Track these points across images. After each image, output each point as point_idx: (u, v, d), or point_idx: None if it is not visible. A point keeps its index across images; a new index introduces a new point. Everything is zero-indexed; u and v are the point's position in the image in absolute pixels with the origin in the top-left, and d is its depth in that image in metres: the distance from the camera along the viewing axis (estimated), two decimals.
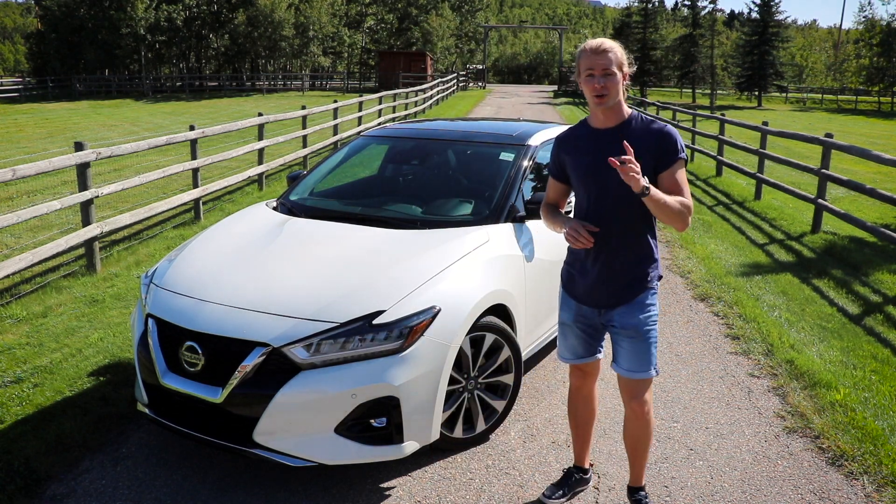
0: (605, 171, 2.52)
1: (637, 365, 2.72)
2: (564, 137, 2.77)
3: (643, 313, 2.69)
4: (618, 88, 2.53)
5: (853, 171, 13.53)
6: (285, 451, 2.93)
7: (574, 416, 3.04)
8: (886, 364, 4.57)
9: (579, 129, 2.73)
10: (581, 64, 2.55)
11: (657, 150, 2.56)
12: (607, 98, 2.53)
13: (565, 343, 2.91)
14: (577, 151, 2.68)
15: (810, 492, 3.16)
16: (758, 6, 46.89)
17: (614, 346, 2.78)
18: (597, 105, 2.56)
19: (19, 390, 4.04)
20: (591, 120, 2.70)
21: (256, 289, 3.22)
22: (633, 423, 2.84)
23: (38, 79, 49.12)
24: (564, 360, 2.94)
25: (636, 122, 2.62)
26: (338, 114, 15.30)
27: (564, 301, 2.87)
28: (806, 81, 61.17)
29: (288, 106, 30.36)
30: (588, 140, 2.67)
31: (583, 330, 2.83)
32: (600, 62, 2.50)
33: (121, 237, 7.97)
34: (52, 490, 3.11)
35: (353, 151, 4.95)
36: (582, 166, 2.65)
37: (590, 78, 2.52)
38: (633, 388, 2.77)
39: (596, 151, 2.61)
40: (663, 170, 2.57)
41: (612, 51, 2.52)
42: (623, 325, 2.70)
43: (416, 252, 3.45)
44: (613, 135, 2.60)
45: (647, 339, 2.71)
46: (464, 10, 66.23)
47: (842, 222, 8.66)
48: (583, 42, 2.63)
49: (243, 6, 50.64)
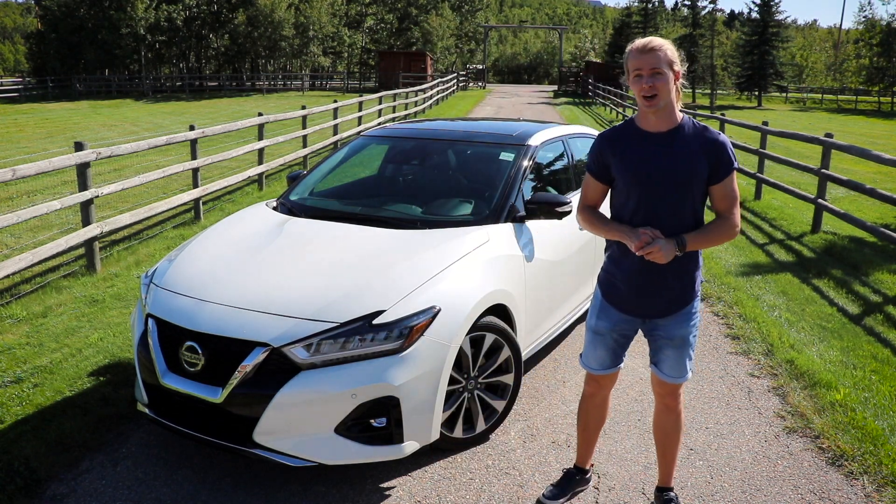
0: (655, 176, 2.47)
1: (679, 371, 2.71)
2: (610, 137, 2.62)
3: (690, 322, 2.66)
4: (668, 89, 2.41)
5: (853, 171, 13.53)
6: (285, 451, 2.93)
7: (584, 419, 3.00)
8: (886, 364, 4.57)
9: (627, 130, 2.59)
10: (629, 64, 2.44)
11: (710, 160, 2.48)
12: (657, 99, 2.41)
13: (594, 353, 2.82)
14: (626, 154, 2.55)
15: (810, 492, 3.15)
16: (758, 6, 46.91)
17: (655, 352, 2.75)
18: (647, 107, 2.45)
19: (19, 390, 4.04)
20: (639, 121, 2.56)
21: (256, 289, 3.22)
22: (666, 415, 2.83)
23: (38, 79, 49.11)
24: (589, 369, 2.86)
25: (688, 128, 2.51)
26: (338, 114, 15.30)
27: (604, 310, 2.75)
28: (806, 81, 61.16)
29: (288, 106, 30.36)
30: (637, 143, 2.54)
31: (616, 340, 2.76)
32: (648, 61, 2.39)
33: (121, 237, 7.97)
34: (52, 490, 3.11)
35: (353, 151, 4.95)
36: (630, 170, 2.53)
37: (637, 78, 2.41)
38: (671, 388, 2.77)
39: (646, 156, 2.51)
40: (716, 182, 2.50)
41: (660, 49, 2.40)
42: (670, 335, 2.66)
43: (415, 252, 3.45)
44: (665, 140, 2.50)
45: (691, 345, 2.69)
46: (464, 10, 66.23)
47: (842, 222, 8.66)
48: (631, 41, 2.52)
49: (243, 6, 50.65)
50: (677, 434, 2.86)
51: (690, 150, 2.48)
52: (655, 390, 2.84)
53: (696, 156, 2.47)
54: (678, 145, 2.49)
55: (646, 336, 2.77)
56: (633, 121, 2.61)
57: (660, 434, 2.89)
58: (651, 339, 2.75)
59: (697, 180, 2.48)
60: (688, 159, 2.47)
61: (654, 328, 2.70)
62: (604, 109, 32.03)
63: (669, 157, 2.48)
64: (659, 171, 2.49)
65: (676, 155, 2.49)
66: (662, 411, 2.85)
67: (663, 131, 2.52)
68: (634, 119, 2.61)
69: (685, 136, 2.50)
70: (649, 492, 3.11)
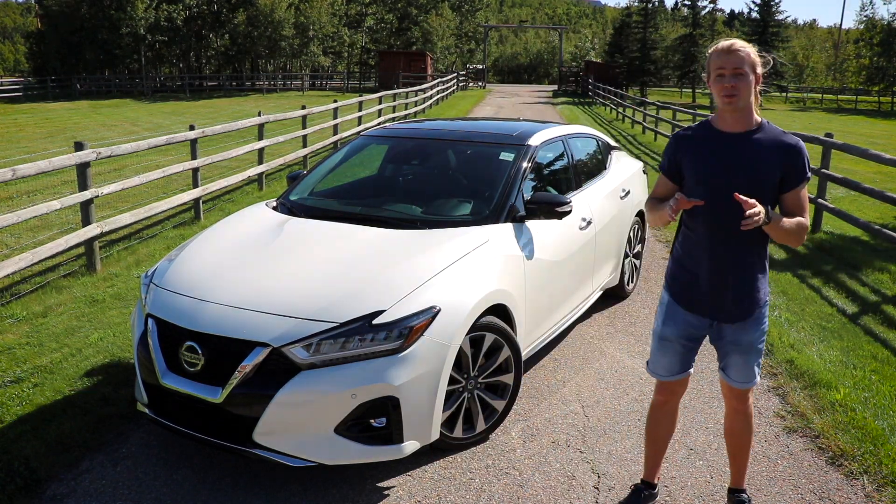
0: (731, 176, 2.45)
1: (747, 376, 2.69)
2: (685, 137, 2.62)
3: (759, 329, 2.63)
4: (749, 90, 2.42)
5: (853, 171, 13.52)
6: (285, 451, 2.93)
7: (654, 431, 2.93)
8: (886, 364, 4.57)
9: (702, 130, 2.58)
10: (711, 64, 2.44)
11: (785, 165, 2.45)
12: (737, 99, 2.41)
13: (661, 360, 2.77)
14: (700, 153, 2.54)
15: (810, 492, 3.16)
16: (758, 6, 46.93)
17: (723, 359, 2.72)
18: (726, 105, 2.44)
19: (19, 390, 4.04)
20: (716, 122, 2.55)
21: (256, 288, 3.22)
22: (737, 418, 2.81)
23: (38, 79, 49.10)
24: (657, 377, 2.82)
25: (766, 131, 2.50)
26: (338, 114, 15.29)
27: (671, 314, 2.71)
28: (806, 81, 61.17)
29: (288, 106, 30.36)
30: (713, 143, 2.53)
31: (684, 345, 2.72)
32: (731, 61, 2.39)
33: (121, 237, 7.97)
34: (52, 490, 3.11)
35: (353, 151, 4.95)
36: (705, 170, 2.51)
37: (720, 78, 2.41)
38: (740, 394, 2.74)
39: (722, 156, 2.49)
40: (789, 188, 2.47)
41: (743, 50, 2.41)
42: (737, 341, 2.63)
43: (415, 252, 3.45)
44: (742, 141, 2.49)
45: (759, 352, 2.67)
46: (464, 9, 66.16)
47: (842, 222, 8.66)
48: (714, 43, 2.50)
49: (243, 6, 50.62)
50: (749, 436, 2.83)
51: (766, 153, 2.46)
52: (725, 394, 2.81)
53: (770, 159, 2.46)
54: (754, 146, 2.47)
55: (712, 342, 2.74)
56: (708, 122, 2.59)
57: (731, 437, 2.86)
58: (718, 346, 2.72)
59: (770, 184, 2.45)
60: (762, 162, 2.45)
61: (720, 334, 2.67)
62: (604, 109, 32.03)
63: (744, 157, 2.46)
64: (732, 171, 2.47)
65: (751, 156, 2.47)
66: (732, 414, 2.82)
67: (740, 132, 2.50)
68: (710, 120, 2.59)
69: (762, 139, 2.49)
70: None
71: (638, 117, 22.22)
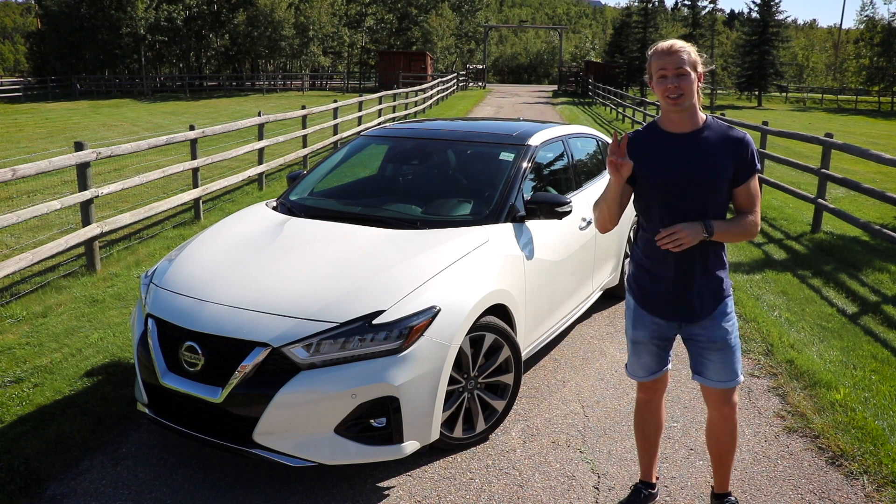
0: (684, 176, 2.46)
1: (727, 374, 2.65)
2: (635, 139, 2.61)
3: (727, 322, 2.62)
4: (692, 89, 2.43)
5: (853, 171, 13.52)
6: (285, 451, 2.93)
7: (642, 429, 2.93)
8: (886, 364, 4.57)
9: (650, 133, 2.59)
10: (653, 65, 2.45)
11: (736, 160, 2.48)
12: (683, 99, 2.42)
13: (638, 362, 2.79)
14: (650, 156, 2.54)
15: (810, 492, 3.16)
16: (758, 6, 46.91)
17: (698, 359, 2.69)
18: (671, 107, 2.46)
19: (19, 390, 4.04)
20: (663, 123, 2.56)
21: (256, 289, 3.22)
22: (721, 426, 2.76)
23: (38, 79, 49.08)
24: (636, 378, 2.83)
25: (713, 128, 2.51)
26: (338, 114, 15.29)
27: (638, 318, 2.73)
28: (806, 81, 61.16)
29: (288, 106, 30.36)
30: (663, 144, 2.54)
31: (657, 345, 2.73)
32: (672, 62, 2.41)
33: (121, 237, 7.97)
34: (52, 490, 3.11)
35: (353, 151, 4.95)
36: (657, 172, 2.52)
37: (662, 79, 2.43)
38: (724, 395, 2.69)
39: (672, 158, 2.50)
40: (740, 183, 2.50)
41: (683, 50, 2.43)
42: (710, 338, 2.62)
43: (415, 252, 3.45)
44: (690, 140, 2.50)
45: (734, 347, 2.65)
46: (464, 9, 66.18)
47: (842, 222, 8.66)
48: (653, 45, 2.51)
49: (243, 6, 50.62)
50: (734, 442, 2.79)
51: (714, 151, 2.47)
52: (707, 400, 2.77)
53: (720, 156, 2.47)
54: (702, 146, 2.48)
55: (686, 345, 2.73)
56: (655, 123, 2.60)
57: (716, 445, 2.81)
58: (691, 347, 2.70)
59: (722, 181, 2.46)
60: (712, 160, 2.46)
61: (690, 334, 2.66)
62: (604, 109, 32.03)
63: (693, 157, 2.47)
64: (683, 172, 2.48)
65: (700, 155, 2.48)
66: (718, 421, 2.76)
67: (687, 132, 2.52)
68: (657, 121, 2.60)
69: (709, 137, 2.50)
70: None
71: (638, 117, 22.21)
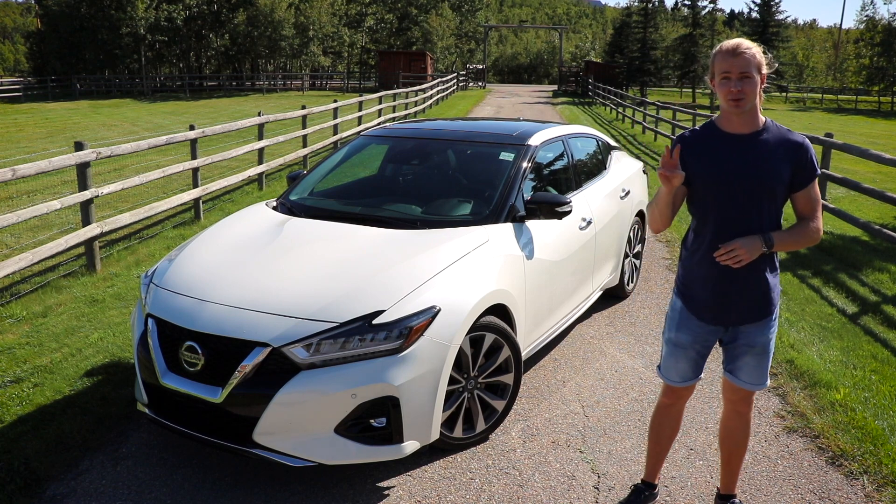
0: (740, 178, 2.44)
1: (759, 378, 2.65)
2: (691, 139, 2.56)
3: (771, 330, 2.60)
4: (755, 92, 2.39)
5: (853, 171, 13.53)
6: (285, 451, 2.93)
7: (658, 432, 2.91)
8: (886, 364, 4.57)
9: (708, 132, 2.54)
10: (716, 66, 2.41)
11: (794, 164, 2.44)
12: (744, 102, 2.38)
13: (675, 366, 2.74)
14: (708, 156, 2.50)
15: (810, 492, 3.15)
16: (758, 6, 46.91)
17: (733, 359, 2.67)
18: (733, 109, 2.41)
19: (19, 390, 4.04)
20: (721, 123, 2.52)
21: (256, 288, 3.22)
22: (737, 423, 2.76)
23: (38, 79, 49.09)
24: (669, 382, 2.78)
25: (772, 131, 2.48)
26: (338, 113, 15.29)
27: (684, 322, 2.67)
28: (806, 81, 61.17)
29: (288, 106, 30.36)
30: (720, 145, 2.49)
31: (698, 352, 2.69)
32: (738, 64, 2.35)
33: (121, 237, 7.97)
34: (52, 490, 3.11)
35: (353, 151, 4.95)
36: (713, 173, 2.48)
37: (726, 81, 2.38)
38: (747, 396, 2.72)
39: (730, 158, 2.46)
40: (799, 188, 2.46)
41: (749, 52, 2.37)
42: (751, 343, 2.60)
43: (415, 252, 3.45)
44: (749, 142, 2.46)
45: (771, 352, 2.64)
46: (464, 9, 66.18)
47: (842, 222, 8.66)
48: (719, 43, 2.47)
49: (243, 6, 50.63)
50: (746, 441, 2.80)
51: (773, 154, 2.45)
52: (727, 397, 2.77)
53: (778, 159, 2.44)
54: (761, 148, 2.46)
55: (723, 345, 2.70)
56: (713, 123, 2.56)
57: (728, 441, 2.81)
58: (730, 347, 2.68)
59: (779, 184, 2.44)
60: (770, 162, 2.44)
61: (735, 337, 2.64)
62: (604, 109, 32.04)
63: (752, 159, 2.45)
64: (740, 173, 2.45)
65: (759, 158, 2.45)
66: (733, 418, 2.77)
67: (746, 133, 2.48)
68: (715, 120, 2.56)
69: (768, 139, 2.47)
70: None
71: (638, 117, 22.21)
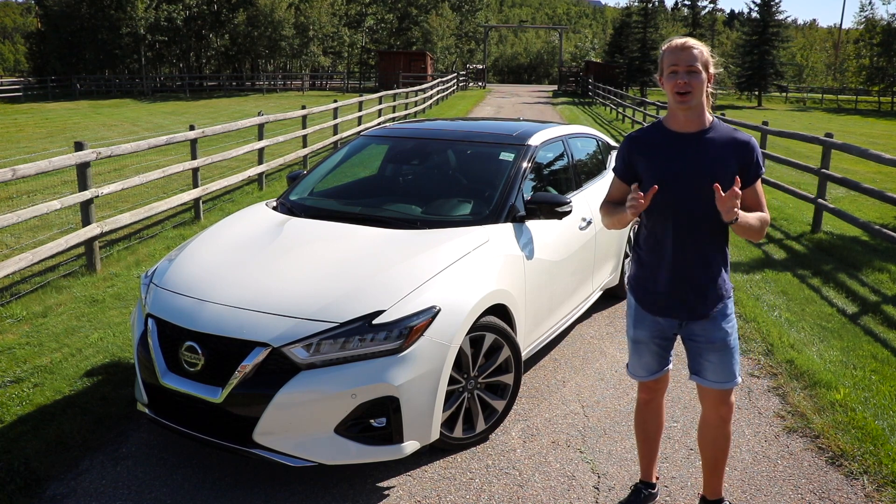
0: (688, 176, 2.45)
1: (726, 376, 2.64)
2: (638, 138, 2.61)
3: (727, 323, 2.61)
4: (702, 89, 2.42)
5: (853, 171, 13.53)
6: (285, 451, 2.93)
7: (643, 429, 2.92)
8: (886, 364, 4.57)
9: (655, 131, 2.58)
10: (664, 61, 2.44)
11: (741, 163, 2.47)
12: (690, 97, 2.41)
13: (639, 361, 2.78)
14: (656, 155, 2.53)
15: (810, 492, 3.16)
16: (758, 6, 46.93)
17: (696, 359, 2.67)
18: (679, 104, 2.44)
19: (19, 390, 4.04)
20: (668, 122, 2.55)
21: (256, 289, 3.22)
22: (717, 429, 2.72)
23: (38, 79, 49.08)
24: (637, 378, 2.83)
25: (718, 129, 2.50)
26: (338, 114, 15.29)
27: (639, 318, 2.72)
28: (806, 81, 61.17)
29: (288, 106, 30.36)
30: (667, 144, 2.53)
31: (658, 344, 2.73)
32: (684, 58, 2.39)
33: (121, 237, 7.97)
34: (52, 490, 3.11)
35: (353, 151, 4.95)
36: (661, 172, 2.50)
37: (672, 75, 2.41)
38: (722, 396, 2.67)
39: (677, 157, 2.49)
40: (746, 185, 2.48)
41: (696, 48, 2.42)
42: (709, 339, 2.61)
43: (415, 252, 3.45)
44: (696, 141, 2.49)
45: (733, 348, 2.63)
46: (464, 9, 66.16)
47: (842, 222, 8.66)
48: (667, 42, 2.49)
49: (243, 6, 50.60)
50: (728, 445, 2.76)
51: (719, 152, 2.46)
52: (705, 402, 2.75)
53: (725, 157, 2.46)
54: (707, 146, 2.47)
55: (685, 345, 2.71)
56: (660, 122, 2.59)
57: (710, 448, 2.77)
58: (690, 347, 2.69)
59: (726, 182, 2.44)
60: (718, 161, 2.45)
61: (690, 334, 2.65)
62: (604, 109, 32.03)
63: (697, 157, 2.46)
64: (687, 171, 2.47)
65: (706, 156, 2.47)
66: (714, 423, 2.72)
67: (692, 132, 2.50)
68: (662, 120, 2.59)
69: (714, 138, 2.49)
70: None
71: (638, 117, 22.21)
